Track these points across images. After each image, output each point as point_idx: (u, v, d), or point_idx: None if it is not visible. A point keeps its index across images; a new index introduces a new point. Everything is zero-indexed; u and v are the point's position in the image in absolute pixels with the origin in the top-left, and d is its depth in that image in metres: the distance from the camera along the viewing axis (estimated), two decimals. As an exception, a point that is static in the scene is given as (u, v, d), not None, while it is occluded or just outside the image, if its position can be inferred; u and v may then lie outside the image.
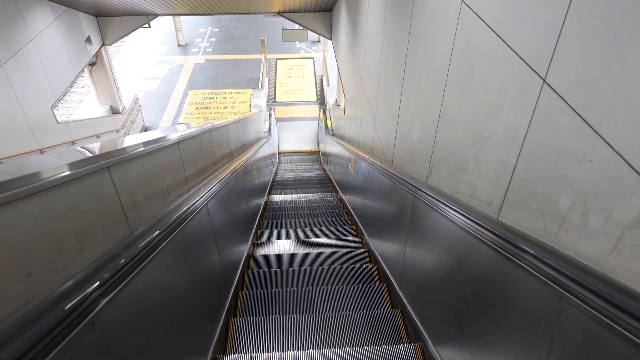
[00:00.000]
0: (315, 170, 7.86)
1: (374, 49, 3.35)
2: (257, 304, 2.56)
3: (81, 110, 9.97)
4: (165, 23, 14.70)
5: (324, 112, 9.08)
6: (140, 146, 1.37)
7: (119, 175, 1.21)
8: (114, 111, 8.44)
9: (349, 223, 4.31)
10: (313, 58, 13.66)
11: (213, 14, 7.38)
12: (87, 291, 0.87)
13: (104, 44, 7.63)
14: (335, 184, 5.85)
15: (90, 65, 7.71)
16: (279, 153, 9.44)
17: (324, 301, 2.57)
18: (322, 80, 12.17)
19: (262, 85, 10.63)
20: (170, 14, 7.52)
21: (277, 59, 13.55)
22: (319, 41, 14.03)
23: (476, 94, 1.46)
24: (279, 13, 7.30)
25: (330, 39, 7.39)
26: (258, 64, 12.50)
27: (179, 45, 14.04)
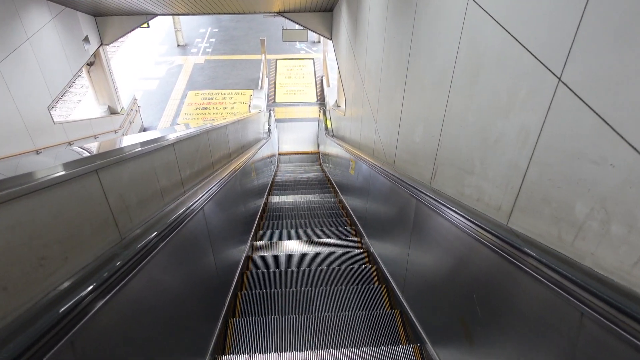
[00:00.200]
0: (315, 172, 7.80)
1: (375, 49, 3.30)
2: (256, 306, 2.51)
3: (79, 111, 9.91)
4: (164, 23, 14.66)
5: (324, 113, 9.02)
6: (132, 148, 1.31)
7: (108, 178, 1.15)
8: (112, 111, 8.37)
9: (348, 224, 4.25)
10: (313, 59, 13.62)
11: (212, 13, 7.32)
12: (67, 305, 0.81)
13: (102, 44, 7.57)
14: (335, 186, 5.79)
15: (88, 65, 7.65)
16: (278, 154, 9.38)
17: (323, 302, 2.52)
18: (322, 80, 12.12)
19: (261, 86, 10.57)
20: (170, 14, 7.47)
21: (277, 60, 13.50)
22: (319, 42, 13.99)
23: (484, 94, 1.40)
24: (279, 13, 7.25)
25: (331, 39, 7.34)
26: (258, 65, 12.45)
27: (178, 45, 14.00)
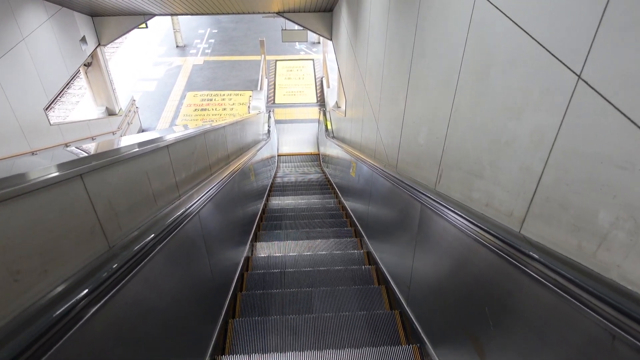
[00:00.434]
0: (315, 174, 7.72)
1: (376, 49, 3.23)
2: (254, 310, 2.42)
3: (77, 112, 9.83)
4: (163, 24, 14.60)
5: (324, 114, 8.95)
6: (121, 151, 1.24)
7: (94, 183, 1.07)
8: (110, 113, 8.30)
9: (348, 225, 4.18)
10: (313, 59, 13.55)
11: (211, 13, 7.26)
12: (43, 325, 0.73)
13: (99, 44, 7.50)
14: (336, 188, 5.71)
15: (85, 65, 7.57)
16: (278, 155, 9.30)
17: (323, 302, 2.43)
18: (322, 81, 12.06)
19: (261, 87, 10.51)
20: (168, 14, 7.40)
21: (276, 61, 13.44)
22: (319, 42, 13.94)
23: (493, 94, 1.33)
24: (279, 13, 7.18)
25: (331, 40, 7.27)
26: (257, 66, 12.38)
27: (177, 46, 13.93)
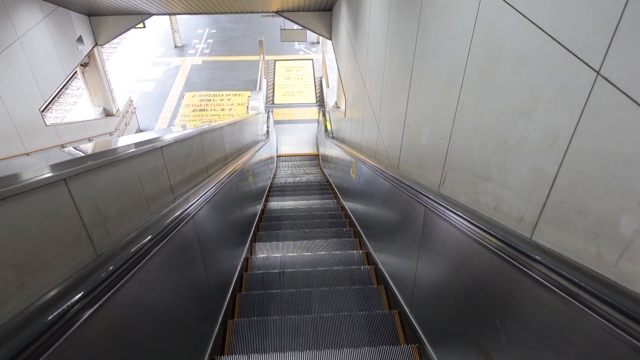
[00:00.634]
0: (314, 174, 7.65)
1: (377, 48, 3.16)
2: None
3: (75, 113, 9.76)
4: (161, 24, 14.53)
5: (324, 115, 8.89)
6: (111, 153, 1.17)
7: (80, 187, 1.01)
8: (108, 113, 8.22)
9: (348, 226, 4.12)
10: (312, 59, 13.49)
11: (209, 13, 7.19)
12: (17, 345, 0.67)
13: (96, 44, 7.42)
14: (336, 189, 5.65)
15: (82, 66, 7.50)
16: (277, 156, 9.24)
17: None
18: (321, 82, 11.99)
19: (260, 87, 10.44)
20: (165, 13, 7.34)
21: (275, 61, 13.37)
22: (318, 42, 13.88)
23: (501, 93, 1.26)
24: (277, 12, 7.12)
25: (330, 39, 7.21)
26: (256, 66, 12.32)
27: (175, 46, 13.86)
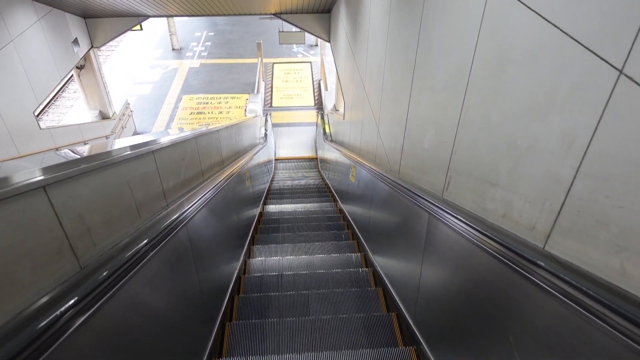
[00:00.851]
0: (313, 178, 7.58)
1: (377, 48, 3.11)
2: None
3: (71, 116, 9.67)
4: (159, 27, 14.48)
5: (322, 118, 8.83)
6: (96, 159, 1.10)
7: (62, 195, 0.94)
8: (104, 116, 8.13)
9: (347, 229, 4.06)
10: (310, 62, 13.45)
11: (206, 15, 7.13)
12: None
13: (92, 46, 7.35)
14: (334, 193, 5.58)
15: (78, 68, 7.42)
16: (275, 159, 9.17)
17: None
18: (319, 84, 11.95)
19: (258, 90, 10.39)
20: (162, 15, 7.27)
21: (273, 63, 13.33)
22: (317, 45, 13.85)
23: (511, 92, 1.20)
24: (276, 14, 7.07)
25: (329, 41, 7.17)
26: (254, 69, 12.27)
27: (173, 49, 13.80)
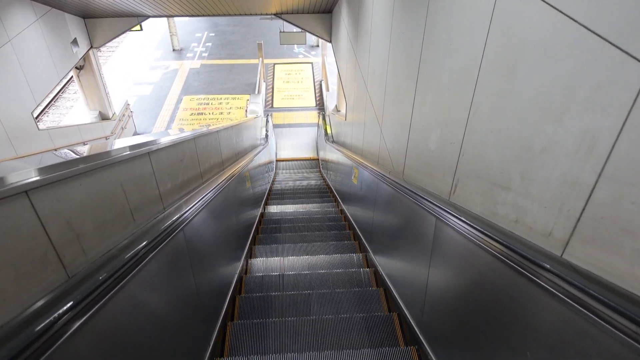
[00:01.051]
0: (314, 179, 7.52)
1: (380, 48, 3.05)
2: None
3: (70, 117, 9.63)
4: (160, 27, 14.46)
5: (324, 118, 8.78)
6: (86, 161, 1.04)
7: (47, 200, 0.88)
8: (104, 117, 8.09)
9: (348, 229, 4.00)
10: (312, 63, 13.41)
11: (207, 15, 7.09)
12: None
13: (91, 47, 7.30)
14: (336, 194, 5.52)
15: (77, 68, 7.37)
16: (276, 160, 9.11)
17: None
18: (321, 85, 11.90)
19: (259, 91, 10.34)
20: (162, 15, 7.23)
21: (274, 64, 13.29)
22: (318, 45, 13.81)
23: (524, 92, 1.14)
24: (277, 14, 7.02)
25: (330, 42, 7.11)
26: (255, 69, 12.23)
27: (173, 50, 13.78)
